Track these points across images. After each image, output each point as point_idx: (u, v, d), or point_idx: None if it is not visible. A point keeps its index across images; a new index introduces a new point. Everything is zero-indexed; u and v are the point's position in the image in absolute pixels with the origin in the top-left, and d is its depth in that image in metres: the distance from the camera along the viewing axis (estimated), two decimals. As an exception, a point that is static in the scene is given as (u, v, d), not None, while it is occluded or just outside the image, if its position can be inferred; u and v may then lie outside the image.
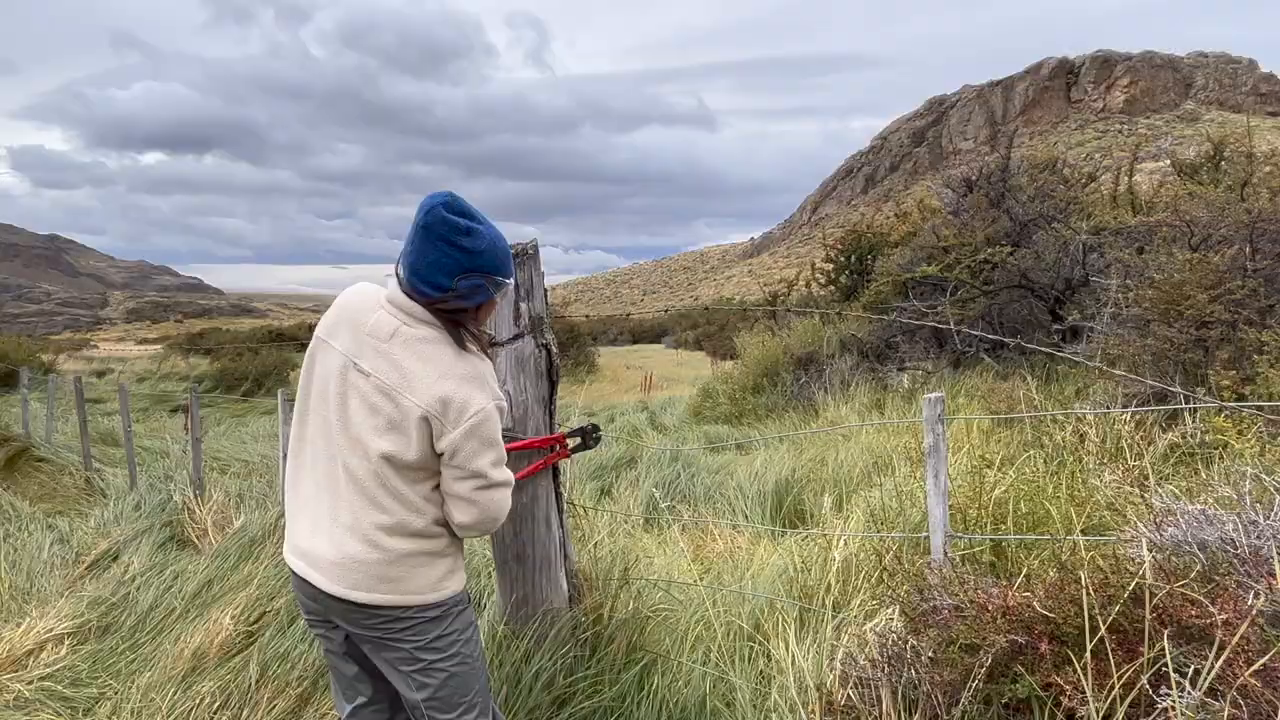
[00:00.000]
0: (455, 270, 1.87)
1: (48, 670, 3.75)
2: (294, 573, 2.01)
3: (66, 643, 4.06)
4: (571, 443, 2.75)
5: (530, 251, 2.75)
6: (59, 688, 3.61)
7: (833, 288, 15.60)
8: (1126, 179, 11.21)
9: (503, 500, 1.96)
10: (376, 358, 1.90)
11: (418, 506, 1.92)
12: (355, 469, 1.90)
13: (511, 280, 1.99)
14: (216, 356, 28.68)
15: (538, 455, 2.73)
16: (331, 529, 1.92)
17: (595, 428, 2.70)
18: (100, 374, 29.17)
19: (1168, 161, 13.61)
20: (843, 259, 15.46)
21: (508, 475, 1.97)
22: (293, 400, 2.11)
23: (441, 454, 1.89)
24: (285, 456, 5.92)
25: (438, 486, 1.95)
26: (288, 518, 2.06)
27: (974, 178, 11.26)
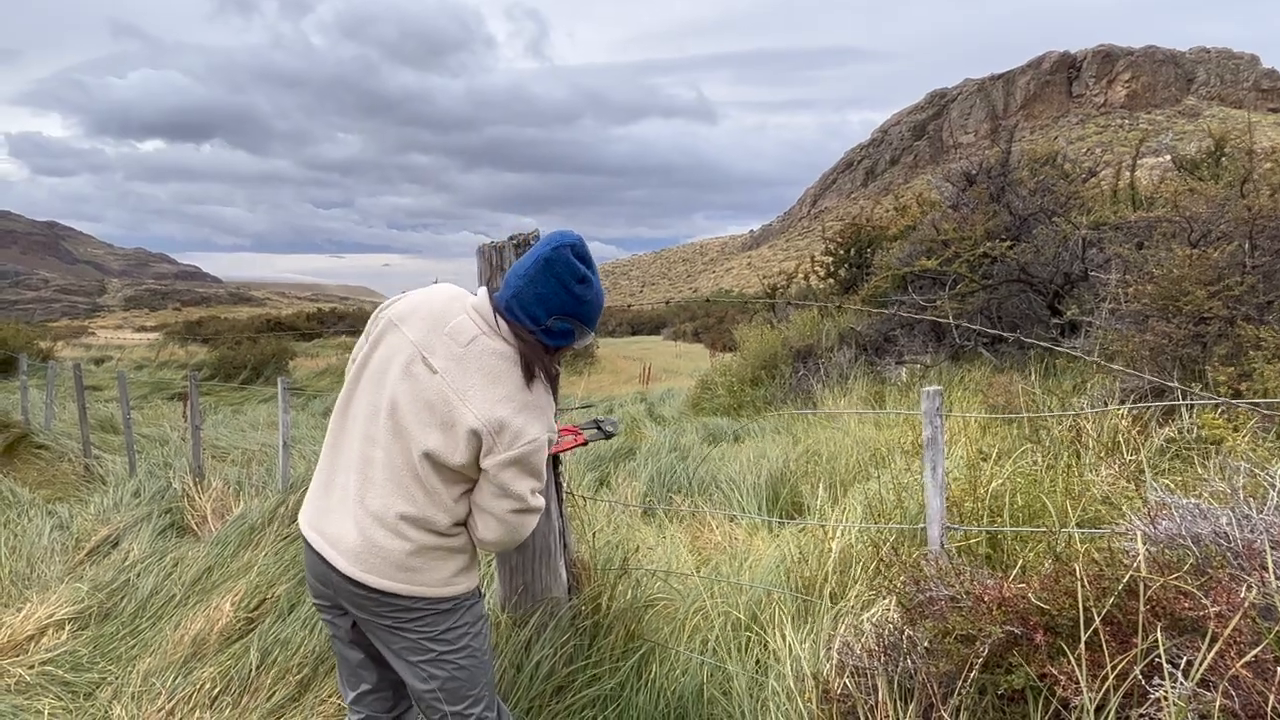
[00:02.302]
0: (557, 310, 1.92)
1: (49, 655, 3.77)
2: (310, 547, 2.00)
3: (67, 628, 4.08)
4: (588, 433, 2.73)
5: (532, 242, 2.76)
6: (60, 672, 3.63)
7: (832, 281, 15.60)
8: (1128, 174, 11.21)
9: (530, 525, 1.99)
10: (449, 360, 1.90)
11: (446, 505, 1.92)
12: (394, 457, 1.90)
13: (593, 334, 2.05)
14: (215, 345, 28.66)
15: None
16: (357, 512, 1.93)
17: (612, 421, 2.68)
18: (98, 361, 29.16)
19: (1168, 157, 13.62)
20: (842, 252, 15.45)
21: (543, 502, 1.99)
22: (292, 389, 2.12)
23: (484, 470, 1.90)
24: (284, 445, 5.94)
25: (468, 492, 1.96)
26: (313, 490, 2.05)
27: (974, 172, 11.26)
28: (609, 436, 2.56)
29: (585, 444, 2.60)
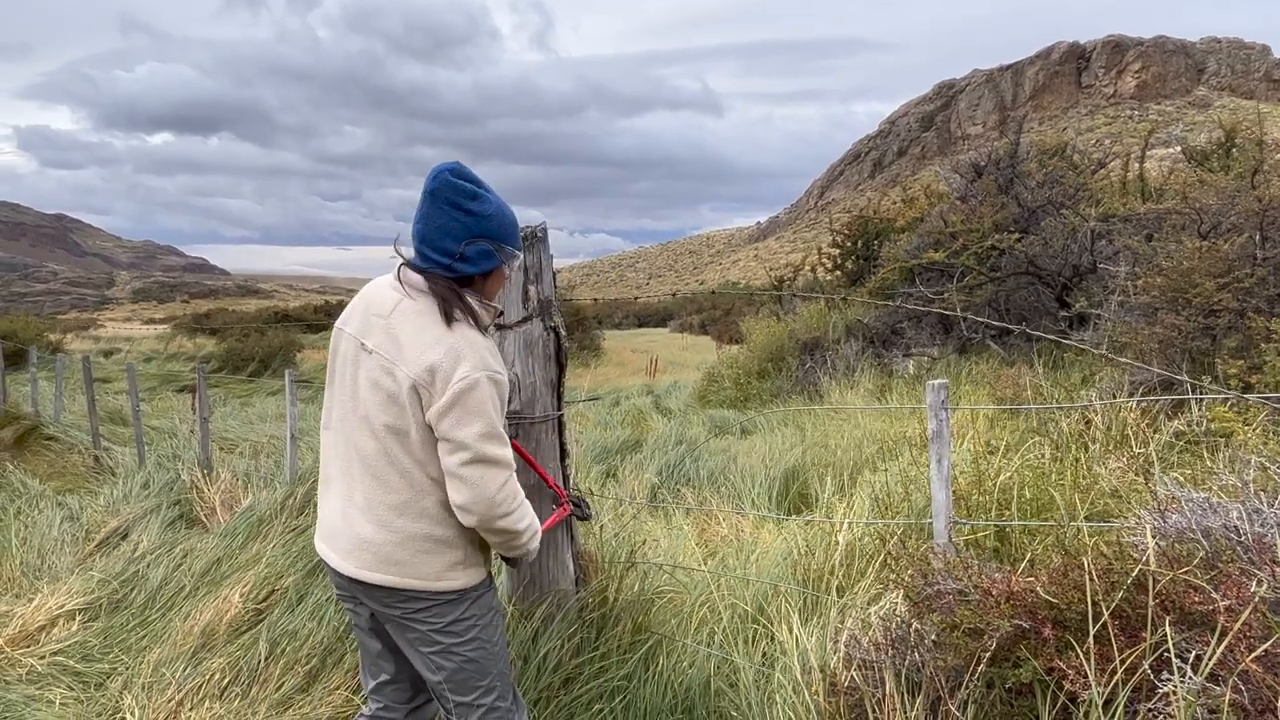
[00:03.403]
0: (463, 235, 1.90)
1: (60, 646, 3.79)
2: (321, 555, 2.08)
3: (78, 619, 4.10)
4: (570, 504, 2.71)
5: (539, 234, 2.76)
6: (71, 663, 3.65)
7: (839, 273, 15.57)
8: (1137, 166, 11.14)
9: (494, 478, 1.87)
10: (380, 334, 1.93)
11: (424, 486, 1.92)
12: (365, 448, 1.93)
13: (520, 252, 2.01)
14: (223, 337, 28.77)
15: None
16: (347, 510, 1.97)
17: (590, 506, 2.64)
18: (107, 353, 29.28)
19: (1178, 148, 13.53)
20: (849, 244, 15.41)
21: (501, 454, 1.88)
22: (300, 381, 2.14)
23: (432, 428, 1.88)
24: (292, 437, 5.96)
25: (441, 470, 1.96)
26: (318, 504, 2.11)
27: (982, 163, 11.20)
28: (584, 518, 2.56)
29: (568, 515, 2.59)
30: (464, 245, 1.90)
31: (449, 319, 1.90)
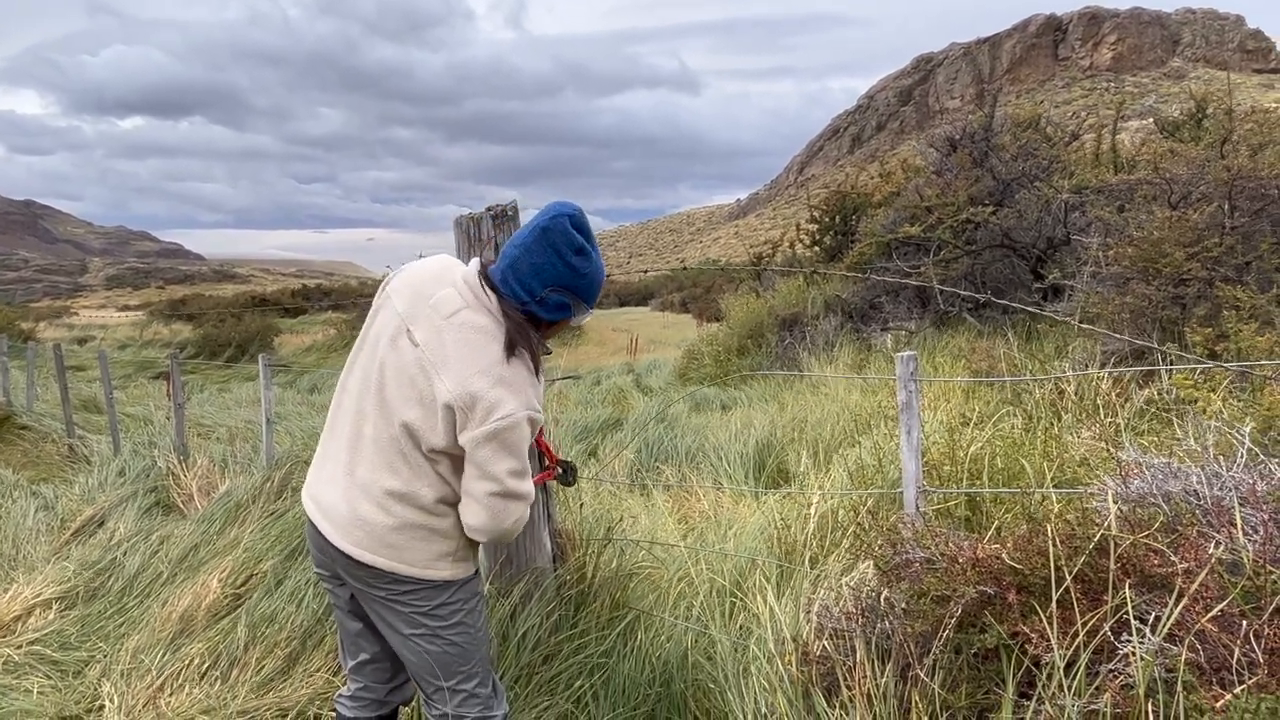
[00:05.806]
0: (552, 281, 1.88)
1: (36, 635, 3.78)
2: (308, 517, 2.03)
3: (54, 608, 4.08)
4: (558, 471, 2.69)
5: (510, 213, 2.75)
6: (48, 651, 3.64)
7: (817, 248, 15.58)
8: (1110, 137, 11.20)
9: (514, 511, 1.91)
10: (431, 332, 1.87)
11: (430, 480, 1.91)
12: (380, 431, 1.90)
13: (591, 312, 2.01)
14: (199, 323, 28.48)
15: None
16: (347, 484, 1.94)
17: (575, 471, 2.63)
18: (81, 341, 28.92)
19: (1152, 119, 13.62)
20: (827, 220, 15.42)
21: (524, 489, 1.90)
22: (276, 365, 2.11)
23: (464, 447, 1.86)
24: (268, 422, 5.92)
25: (454, 469, 1.93)
26: (314, 462, 2.07)
27: (957, 137, 11.23)
28: (567, 484, 2.55)
29: (554, 478, 2.57)
30: (548, 290, 1.89)
31: (511, 351, 1.87)
